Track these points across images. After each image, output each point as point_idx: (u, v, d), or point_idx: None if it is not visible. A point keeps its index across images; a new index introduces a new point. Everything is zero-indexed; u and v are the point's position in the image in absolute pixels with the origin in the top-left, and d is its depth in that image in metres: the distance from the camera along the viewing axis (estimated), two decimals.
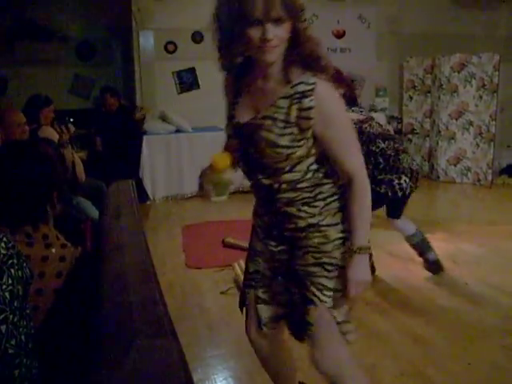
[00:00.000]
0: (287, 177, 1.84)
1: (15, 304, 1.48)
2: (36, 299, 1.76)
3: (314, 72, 1.74)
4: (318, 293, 1.92)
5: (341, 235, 1.91)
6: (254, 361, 2.42)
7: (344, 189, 1.90)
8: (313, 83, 1.71)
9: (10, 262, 1.51)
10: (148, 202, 6.76)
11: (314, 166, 1.86)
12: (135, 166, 6.72)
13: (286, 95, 1.74)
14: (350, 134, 1.84)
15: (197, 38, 7.75)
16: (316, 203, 1.90)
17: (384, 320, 3.51)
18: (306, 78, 1.72)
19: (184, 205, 6.70)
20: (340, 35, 8.64)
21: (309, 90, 1.71)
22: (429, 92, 8.41)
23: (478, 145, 7.76)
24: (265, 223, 2.08)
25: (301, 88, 1.72)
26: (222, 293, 3.94)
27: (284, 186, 1.86)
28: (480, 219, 5.94)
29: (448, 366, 2.93)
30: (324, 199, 1.90)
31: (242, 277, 3.94)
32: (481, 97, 7.68)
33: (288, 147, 1.76)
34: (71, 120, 4.26)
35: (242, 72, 1.91)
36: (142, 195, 6.49)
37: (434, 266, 4.24)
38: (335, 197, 1.91)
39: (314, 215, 1.90)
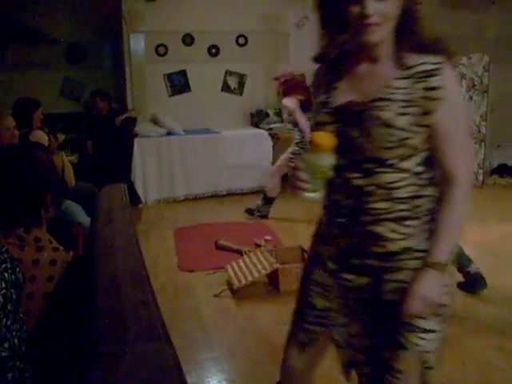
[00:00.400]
0: (386, 178, 1.58)
1: (8, 308, 1.48)
2: (27, 303, 1.75)
3: (434, 55, 1.58)
4: (411, 335, 1.62)
5: None
6: (247, 363, 2.41)
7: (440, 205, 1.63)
8: (439, 62, 1.56)
9: (4, 266, 1.51)
10: (140, 205, 6.74)
11: (419, 168, 1.62)
12: (127, 169, 6.69)
13: (403, 76, 1.57)
14: (467, 131, 1.66)
15: (187, 40, 7.74)
16: (410, 222, 1.61)
17: None
18: (427, 58, 1.57)
19: (176, 207, 6.67)
20: None
21: (435, 69, 1.55)
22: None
23: None
24: (339, 250, 1.71)
25: (424, 67, 1.56)
26: (215, 295, 3.94)
27: (379, 190, 1.59)
28: (472, 219, 5.94)
29: (442, 366, 2.93)
30: (419, 217, 1.62)
31: (235, 279, 3.97)
32: (471, 97, 7.71)
33: (405, 130, 1.54)
34: (60, 128, 4.23)
35: (342, 56, 1.73)
36: (134, 198, 6.46)
37: (476, 280, 3.87)
38: (431, 215, 1.64)
39: (408, 237, 1.61)
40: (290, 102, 5.68)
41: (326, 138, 1.53)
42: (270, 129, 7.66)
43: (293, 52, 8.37)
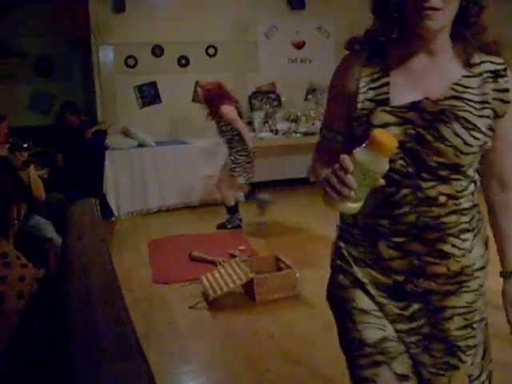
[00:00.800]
0: (458, 186, 1.43)
1: None
2: None
3: (496, 55, 1.45)
4: (461, 355, 1.53)
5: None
6: (225, 375, 2.40)
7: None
8: (503, 63, 1.44)
9: None
10: (113, 218, 6.67)
11: (476, 175, 1.50)
12: (98, 181, 6.63)
13: (471, 74, 1.43)
14: None
15: (157, 51, 7.73)
16: (468, 235, 1.47)
17: None
18: (490, 57, 1.44)
19: (149, 219, 6.63)
20: (300, 46, 8.71)
21: (502, 70, 1.43)
22: None
23: None
24: (393, 273, 1.50)
25: (490, 67, 1.43)
26: (190, 307, 3.91)
27: (451, 201, 1.43)
28: None
29: None
30: (473, 229, 1.49)
31: (210, 290, 3.95)
32: None
33: (485, 134, 1.40)
34: (25, 145, 4.16)
35: (391, 45, 1.50)
36: (107, 211, 6.41)
37: None
38: (482, 225, 1.54)
39: (466, 252, 1.47)
40: (230, 110, 5.62)
41: (389, 138, 1.26)
42: None
43: (262, 61, 8.42)
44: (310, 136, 8.15)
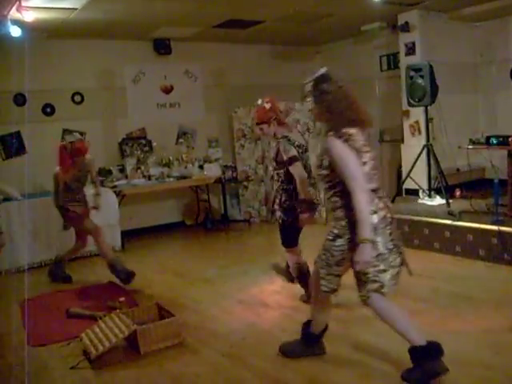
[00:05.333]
0: None
1: None
2: None
3: None
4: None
5: None
6: None
7: None
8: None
9: None
10: None
11: None
12: None
13: None
14: None
15: (19, 100, 7.43)
16: None
17: (243, 368, 3.51)
18: None
19: (21, 277, 6.22)
20: (168, 90, 8.77)
21: None
22: (259, 139, 8.77)
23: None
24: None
25: None
26: (72, 368, 3.70)
27: None
28: None
29: None
30: None
31: (91, 348, 3.76)
32: (307, 141, 8.17)
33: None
34: None
35: None
36: None
37: None
38: None
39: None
40: None
41: None
42: (115, 186, 7.51)
43: (131, 107, 8.37)
44: (183, 180, 8.18)
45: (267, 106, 4.63)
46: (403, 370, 3.11)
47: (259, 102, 4.71)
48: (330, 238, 3.14)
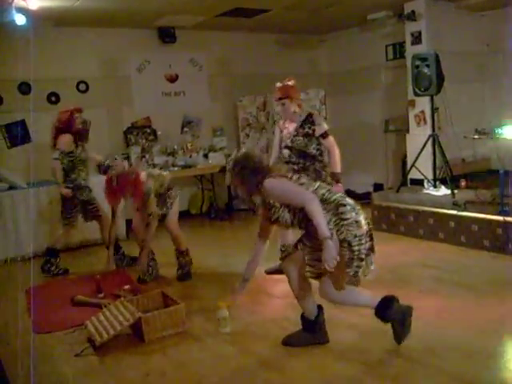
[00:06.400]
0: None
1: None
2: None
3: None
4: None
5: None
6: None
7: None
8: None
9: None
10: None
11: None
12: None
13: None
14: None
15: (24, 88, 7.43)
16: None
17: (246, 356, 3.53)
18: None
19: (26, 265, 6.25)
20: (173, 79, 8.75)
21: None
22: (263, 128, 8.77)
23: None
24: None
25: None
26: (76, 355, 3.72)
27: None
28: None
29: None
30: None
31: (96, 335, 3.78)
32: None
33: None
34: None
35: None
36: None
37: None
38: None
39: None
40: None
41: None
42: None
43: (135, 95, 8.37)
44: (187, 169, 8.18)
45: (291, 83, 4.75)
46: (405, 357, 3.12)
47: (278, 84, 4.85)
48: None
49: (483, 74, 8.54)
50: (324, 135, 4.69)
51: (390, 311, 3.38)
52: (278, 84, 4.88)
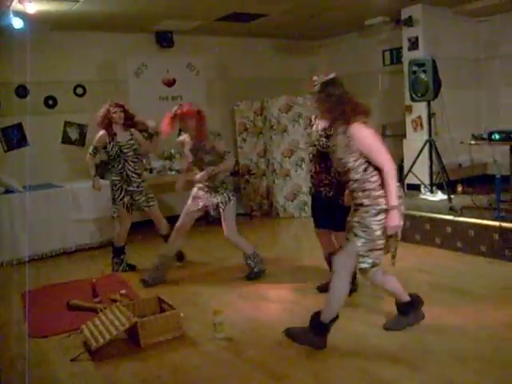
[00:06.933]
0: None
1: None
2: None
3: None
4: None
5: None
6: None
7: None
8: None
9: None
10: None
11: None
12: None
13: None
14: None
15: (21, 92, 7.43)
16: None
17: (243, 361, 3.52)
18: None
19: (22, 269, 6.24)
20: (170, 83, 8.76)
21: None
22: (261, 133, 8.77)
23: None
24: None
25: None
26: (72, 360, 3.70)
27: None
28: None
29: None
30: None
31: (92, 340, 3.77)
32: (309, 134, 8.17)
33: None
34: None
35: None
36: None
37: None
38: None
39: None
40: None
41: None
42: None
43: (133, 99, 8.34)
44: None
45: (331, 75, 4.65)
46: (401, 362, 3.11)
47: (315, 77, 4.76)
48: (369, 214, 3.37)
49: (480, 80, 8.57)
50: None
51: (415, 311, 3.77)
52: (315, 77, 4.73)
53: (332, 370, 3.31)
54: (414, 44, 7.85)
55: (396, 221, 3.35)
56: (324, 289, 4.41)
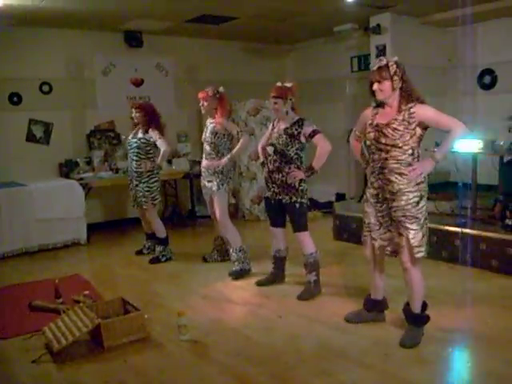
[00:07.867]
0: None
1: None
2: None
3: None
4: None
5: None
6: None
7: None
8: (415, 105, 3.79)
9: None
10: None
11: None
12: None
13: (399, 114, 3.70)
14: None
15: None
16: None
17: (207, 364, 3.52)
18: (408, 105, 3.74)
19: None
20: (138, 83, 8.69)
21: (413, 107, 3.80)
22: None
23: None
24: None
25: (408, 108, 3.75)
26: (33, 362, 3.64)
27: None
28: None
29: None
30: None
31: (54, 341, 3.71)
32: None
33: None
34: None
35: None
36: None
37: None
38: None
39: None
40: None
41: None
42: (81, 178, 7.41)
43: (100, 98, 8.28)
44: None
45: (289, 84, 4.81)
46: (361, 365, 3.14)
47: (278, 83, 4.88)
48: (412, 203, 3.60)
49: (445, 88, 8.74)
50: (312, 134, 4.72)
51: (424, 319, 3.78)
52: (278, 84, 4.92)
53: (293, 372, 3.33)
54: (381, 51, 7.97)
55: (427, 170, 3.60)
56: (263, 283, 5.06)
